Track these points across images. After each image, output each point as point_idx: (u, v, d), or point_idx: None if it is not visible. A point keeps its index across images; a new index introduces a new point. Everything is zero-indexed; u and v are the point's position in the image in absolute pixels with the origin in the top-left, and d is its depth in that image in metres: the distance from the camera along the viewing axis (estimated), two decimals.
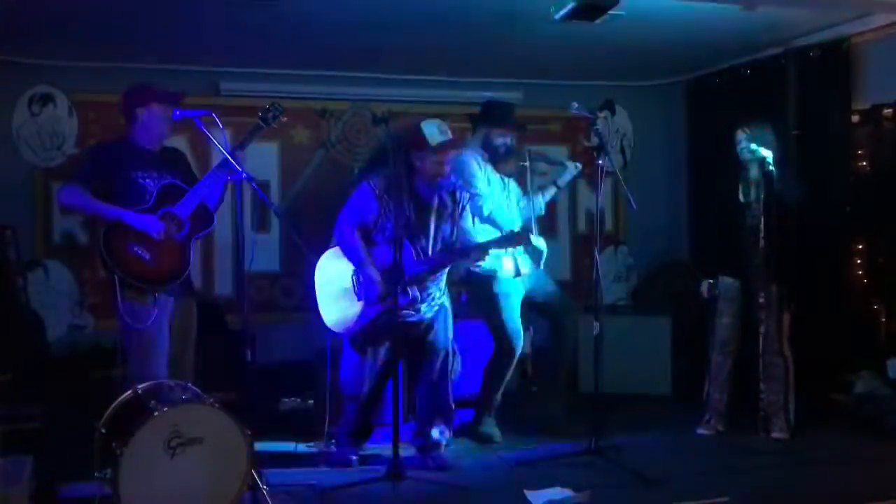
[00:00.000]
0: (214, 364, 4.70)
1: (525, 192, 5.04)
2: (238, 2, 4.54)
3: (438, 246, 4.39)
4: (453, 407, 4.61)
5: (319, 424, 4.71)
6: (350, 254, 4.30)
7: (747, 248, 4.75)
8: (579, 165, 5.08)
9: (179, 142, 4.79)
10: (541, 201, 5.09)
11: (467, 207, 4.54)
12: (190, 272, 4.16)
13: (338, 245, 4.33)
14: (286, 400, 5.28)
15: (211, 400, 3.63)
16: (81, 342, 5.73)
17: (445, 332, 4.52)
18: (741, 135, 4.79)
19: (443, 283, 4.52)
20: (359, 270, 4.29)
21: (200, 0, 4.60)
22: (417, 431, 4.59)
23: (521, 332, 4.88)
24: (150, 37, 5.27)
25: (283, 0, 4.54)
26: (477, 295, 4.96)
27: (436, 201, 4.37)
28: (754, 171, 4.72)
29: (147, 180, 4.09)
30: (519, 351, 4.88)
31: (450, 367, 4.56)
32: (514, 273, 4.86)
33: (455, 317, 4.61)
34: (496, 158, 4.90)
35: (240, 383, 4.10)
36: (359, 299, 4.30)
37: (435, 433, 4.49)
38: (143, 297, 4.02)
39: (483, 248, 4.31)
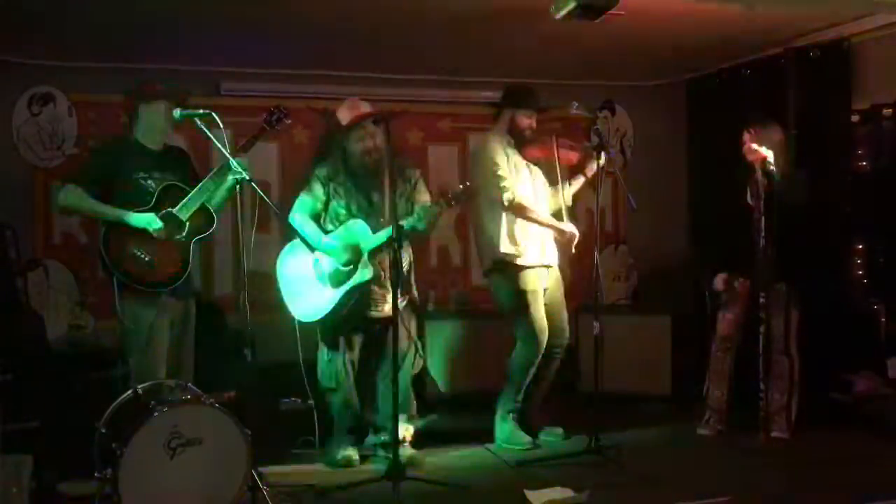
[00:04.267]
0: (214, 364, 4.70)
1: (556, 180, 4.95)
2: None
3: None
4: (415, 402, 4.70)
5: (319, 425, 4.71)
6: (305, 235, 4.38)
7: (755, 247, 4.74)
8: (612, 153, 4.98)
9: (179, 142, 4.78)
10: (568, 191, 5.04)
11: (419, 184, 4.58)
12: (191, 272, 4.16)
13: (293, 229, 4.42)
14: (286, 400, 5.28)
15: (211, 400, 3.63)
16: (81, 342, 5.72)
17: (413, 327, 4.60)
18: (746, 136, 4.79)
19: (412, 279, 4.59)
20: (317, 247, 4.39)
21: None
22: (381, 428, 4.61)
23: (547, 329, 4.83)
24: (151, 37, 5.27)
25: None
26: (503, 289, 4.91)
27: (386, 181, 4.42)
28: (759, 172, 4.72)
29: (148, 180, 4.09)
30: (542, 349, 4.82)
31: (412, 363, 4.62)
32: (540, 262, 4.86)
33: (432, 316, 4.66)
34: (522, 142, 4.88)
35: (240, 383, 4.10)
36: (322, 281, 4.42)
37: (400, 430, 4.45)
38: (142, 297, 4.02)
39: (435, 208, 4.29)
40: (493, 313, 5.77)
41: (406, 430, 4.57)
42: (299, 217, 4.52)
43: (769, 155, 4.57)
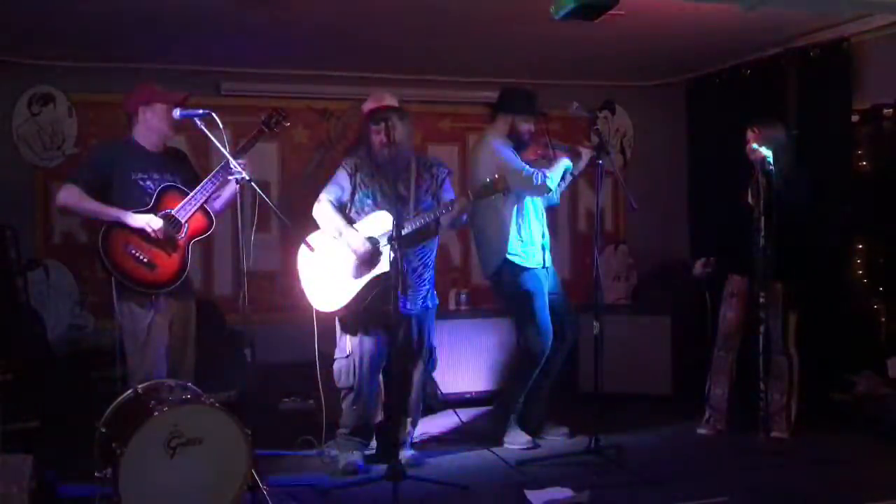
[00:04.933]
0: (214, 364, 4.70)
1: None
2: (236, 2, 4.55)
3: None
4: (421, 406, 4.68)
5: (319, 425, 4.69)
6: (328, 223, 4.41)
7: (756, 247, 4.74)
8: (590, 152, 5.00)
9: (179, 142, 4.78)
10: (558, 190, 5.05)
11: (446, 182, 4.57)
12: (189, 273, 4.15)
13: (316, 219, 4.44)
14: (286, 400, 5.28)
15: (211, 400, 3.64)
16: (81, 342, 5.73)
17: (429, 331, 4.57)
18: (749, 134, 4.79)
19: (427, 279, 4.55)
20: (338, 235, 4.37)
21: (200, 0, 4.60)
22: (384, 429, 4.56)
23: (551, 331, 4.83)
24: (151, 37, 5.27)
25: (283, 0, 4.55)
26: (507, 292, 4.91)
27: (413, 175, 4.41)
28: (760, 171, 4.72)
29: (147, 181, 4.09)
30: (547, 350, 4.82)
31: (425, 367, 4.58)
32: (542, 263, 4.88)
33: (449, 316, 4.65)
34: (520, 146, 4.90)
35: (240, 383, 4.11)
36: (343, 272, 4.36)
37: (402, 432, 4.47)
38: (141, 298, 4.02)
39: (464, 200, 4.30)
40: (494, 313, 5.79)
41: (407, 431, 4.57)
42: (323, 206, 4.47)
43: (768, 155, 4.57)
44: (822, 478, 4.25)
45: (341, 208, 4.48)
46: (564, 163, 4.89)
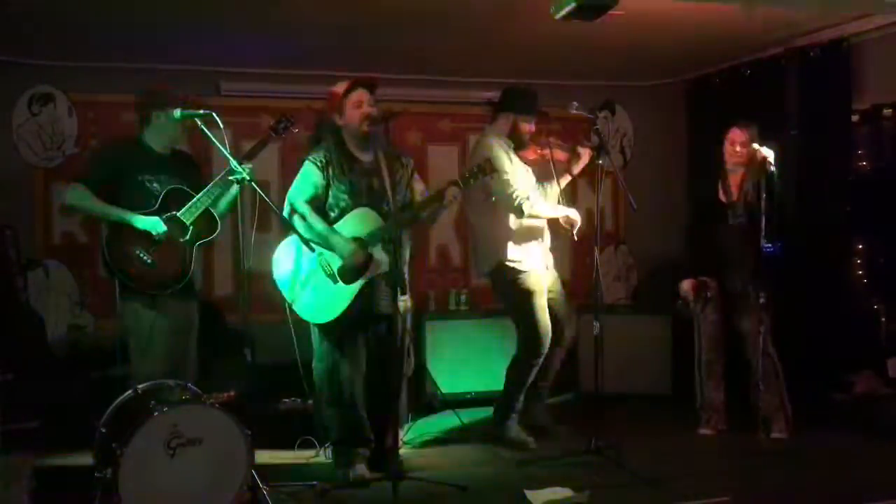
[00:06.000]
0: (214, 364, 4.70)
1: (551, 178, 4.99)
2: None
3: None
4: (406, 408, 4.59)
5: (319, 425, 4.68)
6: (308, 228, 4.16)
7: (731, 247, 4.76)
8: (588, 152, 5.00)
9: (181, 143, 4.78)
10: (556, 188, 5.04)
11: (414, 172, 4.45)
12: (194, 275, 4.15)
13: (293, 222, 4.17)
14: (286, 400, 5.28)
15: (211, 400, 3.64)
16: (81, 342, 5.73)
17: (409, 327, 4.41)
18: (744, 134, 4.80)
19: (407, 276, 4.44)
20: (323, 242, 4.16)
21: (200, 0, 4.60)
22: (381, 430, 4.38)
23: (550, 331, 4.83)
24: (150, 37, 5.27)
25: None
26: (506, 291, 4.91)
27: (384, 167, 4.21)
28: (742, 171, 4.75)
29: (154, 183, 4.09)
30: (546, 350, 4.82)
31: (405, 369, 4.44)
32: (543, 266, 4.88)
33: (432, 316, 4.57)
34: (520, 145, 4.90)
35: (240, 383, 4.10)
36: (331, 277, 4.17)
37: (389, 439, 4.30)
38: (143, 298, 4.02)
39: (455, 189, 4.13)
40: (494, 313, 5.79)
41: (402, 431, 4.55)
42: (300, 206, 4.23)
43: (769, 154, 4.57)
44: (822, 478, 4.25)
45: (316, 206, 4.24)
46: (566, 210, 4.83)
